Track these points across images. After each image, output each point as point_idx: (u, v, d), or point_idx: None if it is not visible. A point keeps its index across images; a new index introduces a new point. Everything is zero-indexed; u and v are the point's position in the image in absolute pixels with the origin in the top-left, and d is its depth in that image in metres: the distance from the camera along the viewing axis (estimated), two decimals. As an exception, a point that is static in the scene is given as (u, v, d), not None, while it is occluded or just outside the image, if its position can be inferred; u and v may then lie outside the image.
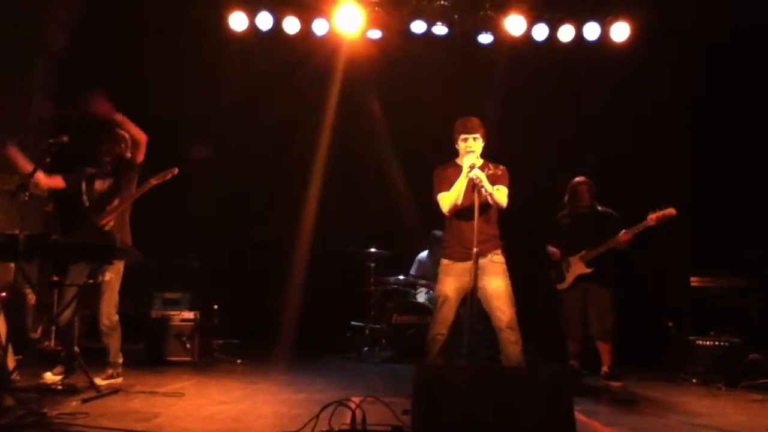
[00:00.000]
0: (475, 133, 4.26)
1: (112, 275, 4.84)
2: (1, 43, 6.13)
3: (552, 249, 5.94)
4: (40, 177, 4.69)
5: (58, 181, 5.01)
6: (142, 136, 4.99)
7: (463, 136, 4.28)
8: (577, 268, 5.72)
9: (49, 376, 4.67)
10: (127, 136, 5.04)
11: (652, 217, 5.30)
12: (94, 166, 5.08)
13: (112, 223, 4.97)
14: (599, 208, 5.85)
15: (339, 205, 7.74)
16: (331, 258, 7.59)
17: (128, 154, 5.07)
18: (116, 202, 5.00)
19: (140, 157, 5.05)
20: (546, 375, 3.11)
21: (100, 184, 5.07)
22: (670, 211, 5.25)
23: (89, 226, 4.86)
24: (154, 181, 4.96)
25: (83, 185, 5.06)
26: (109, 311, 4.84)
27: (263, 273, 7.54)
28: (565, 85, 7.51)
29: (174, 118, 7.18)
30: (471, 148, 4.22)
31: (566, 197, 5.94)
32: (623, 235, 5.46)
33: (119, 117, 4.92)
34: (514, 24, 6.71)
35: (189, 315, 6.03)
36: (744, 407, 4.72)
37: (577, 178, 5.91)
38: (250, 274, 7.48)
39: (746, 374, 5.42)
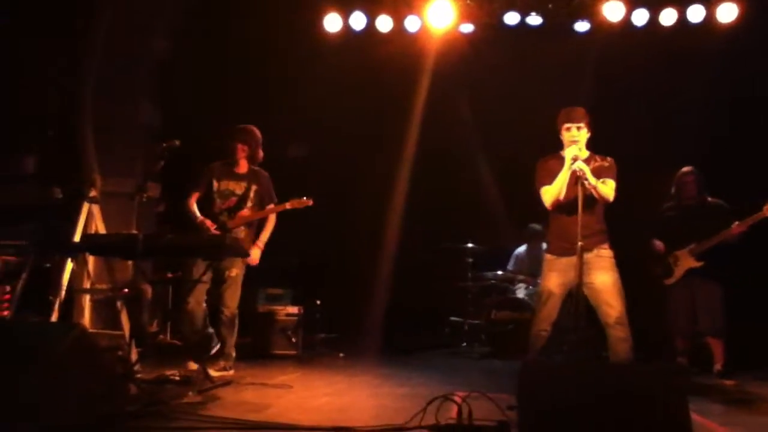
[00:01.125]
0: (579, 122, 4.17)
1: (238, 271, 5.02)
2: (108, 50, 6.48)
3: (657, 243, 5.71)
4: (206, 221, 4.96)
5: (193, 200, 5.12)
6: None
7: (566, 126, 4.19)
8: (687, 261, 5.48)
9: (213, 372, 4.81)
10: (258, 136, 5.17)
11: (767, 208, 5.01)
12: (223, 162, 5.16)
13: (243, 234, 5.07)
14: (709, 199, 5.58)
15: (434, 201, 7.75)
16: (428, 254, 7.61)
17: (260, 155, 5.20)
18: (249, 211, 5.09)
19: None
20: (658, 373, 3.03)
21: (234, 185, 5.14)
22: None
23: (221, 231, 4.96)
24: (288, 206, 5.06)
25: (214, 182, 5.12)
26: (231, 305, 5.02)
27: (360, 270, 7.64)
28: (667, 72, 7.18)
29: (269, 120, 7.41)
30: (575, 138, 4.13)
31: (673, 189, 5.70)
32: (736, 227, 5.18)
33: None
34: (612, 9, 6.49)
35: (293, 310, 6.22)
36: None
37: (684, 169, 5.65)
38: (348, 270, 7.61)
39: None
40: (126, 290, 5.11)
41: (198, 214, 5.05)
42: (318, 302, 6.57)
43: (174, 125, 6.51)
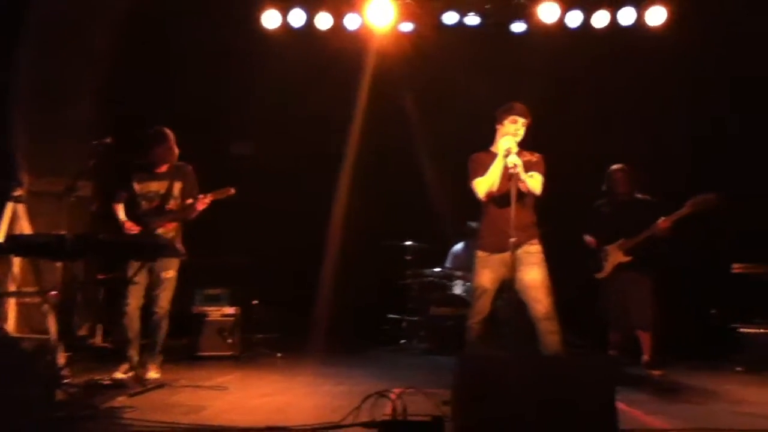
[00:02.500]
0: (526, 118, 4.25)
1: (174, 273, 4.95)
2: (42, 44, 6.26)
3: (589, 238, 5.87)
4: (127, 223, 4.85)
5: (119, 203, 5.03)
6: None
7: (512, 118, 4.25)
8: (616, 256, 5.65)
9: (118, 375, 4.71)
10: (170, 136, 5.07)
11: (691, 203, 5.18)
12: (143, 161, 5.06)
13: (172, 233, 4.99)
14: (638, 195, 5.76)
15: (374, 199, 7.76)
16: (367, 252, 7.62)
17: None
18: (174, 206, 5.01)
19: None
20: (586, 365, 3.12)
21: (156, 186, 5.04)
22: (710, 197, 5.12)
23: (146, 232, 4.87)
24: (211, 197, 4.97)
25: (135, 185, 5.03)
26: (165, 305, 4.93)
27: (300, 268, 7.60)
28: (600, 73, 7.39)
29: (209, 117, 7.31)
30: (519, 132, 4.21)
31: (604, 185, 5.86)
32: (662, 222, 5.36)
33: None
34: (548, 11, 6.63)
35: (230, 310, 6.15)
36: (791, 395, 4.64)
37: (614, 166, 5.82)
38: (288, 269, 7.55)
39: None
40: (54, 292, 4.95)
41: (122, 216, 4.96)
42: (255, 302, 6.50)
43: (113, 123, 6.31)
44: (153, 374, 4.87)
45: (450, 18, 6.90)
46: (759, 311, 5.85)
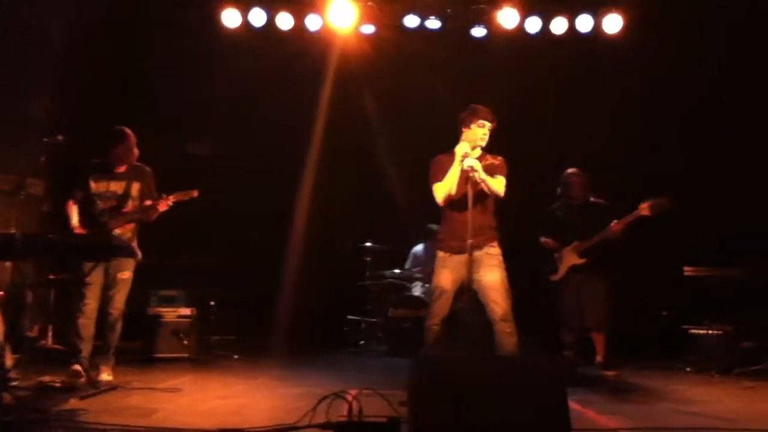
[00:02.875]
0: (492, 122, 4.29)
1: (130, 274, 4.89)
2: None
3: (545, 240, 5.95)
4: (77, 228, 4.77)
5: (72, 203, 4.93)
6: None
7: (480, 122, 4.28)
8: (571, 259, 5.75)
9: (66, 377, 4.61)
10: (131, 136, 4.98)
11: (644, 207, 5.29)
12: (101, 160, 4.97)
13: (128, 234, 4.92)
14: (591, 199, 5.87)
15: (335, 200, 7.75)
16: (327, 253, 7.61)
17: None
18: (132, 207, 4.93)
19: None
20: (540, 365, 3.16)
21: (114, 186, 4.96)
22: (663, 200, 5.25)
23: (102, 232, 4.78)
24: (173, 199, 4.91)
25: (92, 185, 4.93)
26: (120, 306, 4.88)
27: (259, 269, 7.54)
28: (559, 78, 7.52)
29: (169, 116, 7.20)
30: (485, 135, 4.25)
31: (559, 188, 5.96)
32: (614, 225, 5.47)
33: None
34: (507, 17, 6.74)
35: (186, 311, 6.06)
36: (737, 394, 4.76)
37: (569, 170, 5.93)
38: (246, 270, 7.48)
39: (739, 362, 5.47)
40: (1, 293, 4.81)
41: (73, 218, 4.87)
42: (212, 303, 6.43)
43: (68, 120, 6.16)
44: (105, 376, 4.79)
45: (411, 21, 6.96)
46: (708, 313, 6.00)
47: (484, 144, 4.28)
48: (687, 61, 7.06)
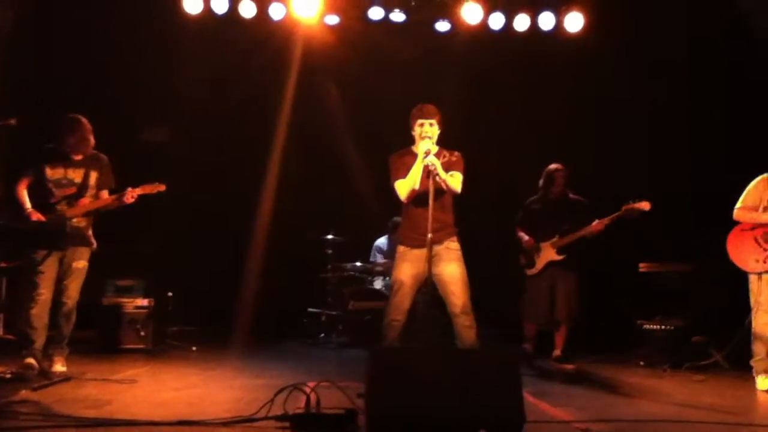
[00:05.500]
0: (432, 118, 4.31)
1: (86, 263, 4.80)
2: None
3: (523, 235, 5.94)
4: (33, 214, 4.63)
5: (24, 188, 4.77)
6: None
7: (419, 121, 4.32)
8: (548, 254, 5.79)
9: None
10: (87, 125, 4.86)
11: (627, 208, 5.32)
12: (55, 147, 4.84)
13: (83, 223, 4.83)
14: (571, 195, 5.93)
15: (296, 190, 7.69)
16: (288, 244, 7.56)
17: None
18: (89, 199, 4.83)
19: None
20: (496, 358, 3.20)
21: (72, 173, 4.84)
22: (644, 204, 5.26)
23: (58, 220, 4.68)
24: (140, 191, 4.80)
25: (47, 170, 4.78)
26: (75, 296, 4.78)
27: (219, 259, 7.46)
28: (522, 74, 7.58)
29: (128, 102, 7.06)
30: (427, 134, 4.27)
31: (541, 182, 5.95)
32: (596, 224, 5.54)
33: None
34: (471, 12, 6.76)
35: (143, 302, 5.97)
36: (686, 387, 4.91)
37: (554, 165, 5.92)
38: (206, 260, 7.39)
39: (690, 356, 5.62)
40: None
41: (27, 203, 4.71)
42: (170, 294, 6.34)
43: (21, 106, 5.98)
44: (59, 367, 4.70)
45: (376, 13, 6.93)
46: (661, 308, 6.15)
47: (432, 138, 4.29)
48: (647, 61, 7.19)
